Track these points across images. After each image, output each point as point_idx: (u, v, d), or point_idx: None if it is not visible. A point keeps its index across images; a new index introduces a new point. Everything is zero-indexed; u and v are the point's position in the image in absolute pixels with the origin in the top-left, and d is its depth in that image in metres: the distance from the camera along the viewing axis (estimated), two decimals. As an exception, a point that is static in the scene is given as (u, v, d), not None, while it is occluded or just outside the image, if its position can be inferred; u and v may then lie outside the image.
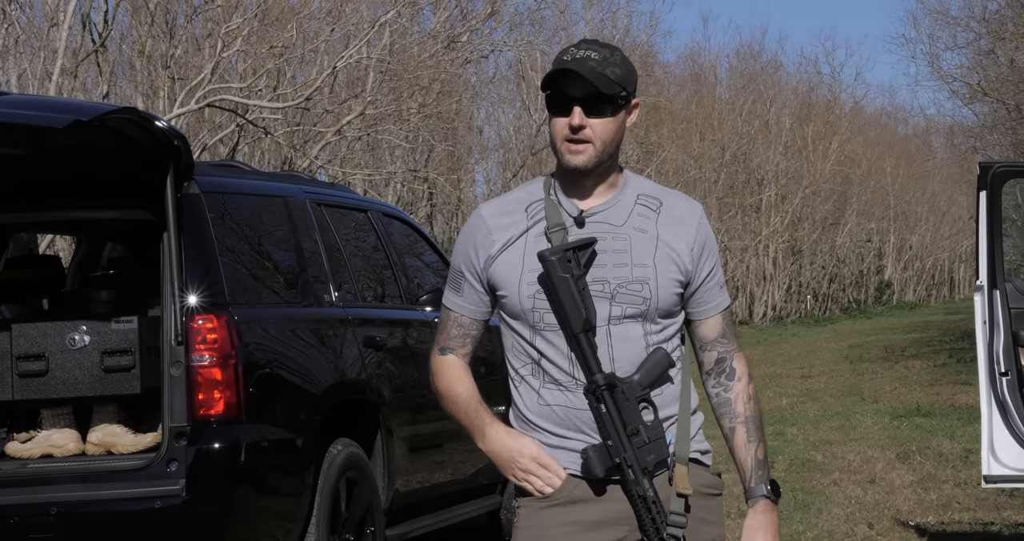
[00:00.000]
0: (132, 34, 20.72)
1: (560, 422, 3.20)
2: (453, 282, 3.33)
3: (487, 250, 3.24)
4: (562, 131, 3.18)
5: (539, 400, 3.22)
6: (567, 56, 3.17)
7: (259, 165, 21.74)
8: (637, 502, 3.14)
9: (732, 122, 43.89)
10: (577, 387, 3.18)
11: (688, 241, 3.27)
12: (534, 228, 3.22)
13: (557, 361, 3.20)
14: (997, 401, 7.43)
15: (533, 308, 3.19)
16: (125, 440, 6.42)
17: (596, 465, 3.14)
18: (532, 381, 3.23)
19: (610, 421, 3.14)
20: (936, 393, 17.63)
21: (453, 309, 3.34)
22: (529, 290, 3.19)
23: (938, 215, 60.57)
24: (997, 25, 26.46)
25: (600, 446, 3.14)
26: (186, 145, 6.18)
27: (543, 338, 3.21)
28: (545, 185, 3.28)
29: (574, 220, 3.22)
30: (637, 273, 3.20)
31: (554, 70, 3.16)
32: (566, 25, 33.94)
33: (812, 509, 9.64)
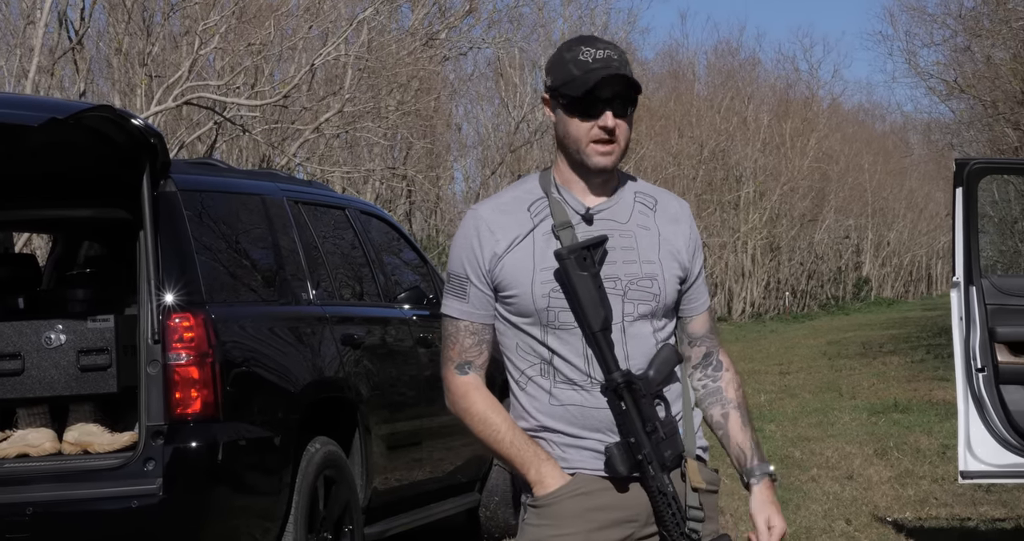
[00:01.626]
0: (109, 32, 20.65)
1: (575, 421, 3.19)
2: (455, 289, 3.25)
3: (492, 249, 3.20)
4: (588, 133, 3.17)
5: (551, 400, 3.19)
6: (586, 56, 3.16)
7: (237, 163, 21.70)
8: (658, 498, 3.15)
9: (710, 119, 43.94)
10: (593, 386, 3.17)
11: (684, 238, 3.32)
12: (540, 226, 3.21)
13: (572, 360, 3.18)
14: (973, 397, 7.45)
15: (548, 307, 3.17)
16: (102, 439, 6.40)
17: (620, 463, 3.14)
18: (542, 381, 3.20)
19: (631, 419, 3.14)
20: (914, 389, 17.68)
21: (461, 318, 3.26)
22: (543, 289, 3.17)
23: (916, 211, 60.73)
24: (973, 22, 26.55)
25: (623, 444, 3.14)
26: (162, 143, 6.16)
27: (556, 337, 3.18)
28: (543, 183, 3.26)
29: (582, 217, 3.22)
30: (646, 270, 3.23)
31: (605, 74, 3.13)
32: (544, 22, 33.96)
33: (790, 505, 9.66)
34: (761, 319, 44.59)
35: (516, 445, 3.19)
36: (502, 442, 3.20)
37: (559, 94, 3.19)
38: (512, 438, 3.19)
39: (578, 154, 3.21)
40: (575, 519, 3.17)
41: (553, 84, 3.21)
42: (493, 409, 3.22)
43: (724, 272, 44.90)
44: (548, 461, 3.18)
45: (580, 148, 3.19)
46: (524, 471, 3.19)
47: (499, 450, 3.21)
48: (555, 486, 3.16)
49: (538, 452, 3.18)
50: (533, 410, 3.22)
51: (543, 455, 3.18)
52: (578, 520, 3.17)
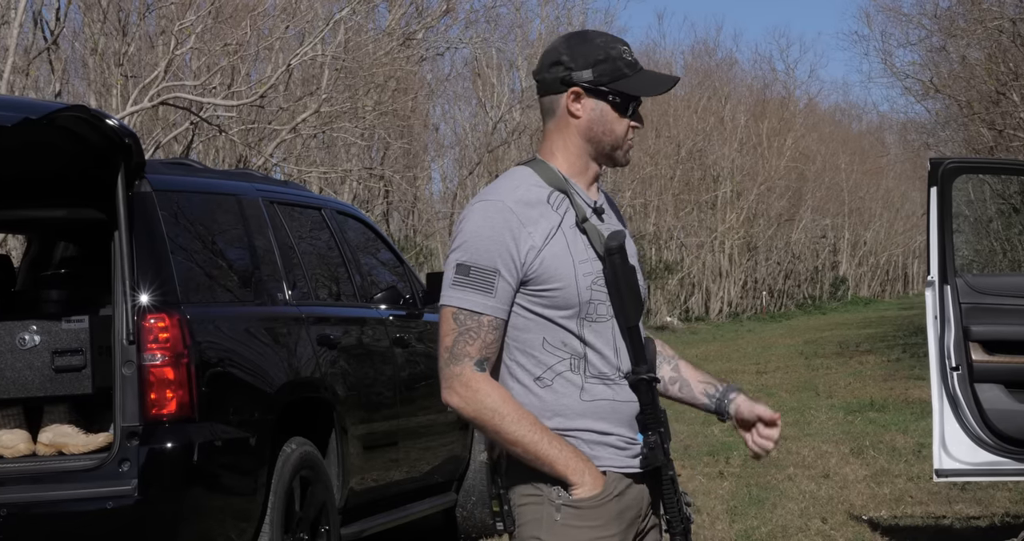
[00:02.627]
0: (85, 32, 20.60)
1: (606, 417, 3.17)
2: (479, 283, 3.10)
3: (528, 241, 3.12)
4: (625, 131, 3.24)
5: (583, 395, 3.16)
6: (629, 57, 3.22)
7: (214, 163, 21.66)
8: (671, 486, 3.21)
9: (687, 119, 44.01)
10: (620, 379, 3.19)
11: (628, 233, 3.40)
12: (565, 219, 3.18)
13: (604, 352, 3.17)
14: (948, 396, 7.47)
15: (591, 299, 3.15)
16: (76, 440, 6.38)
17: (661, 452, 3.18)
18: (572, 377, 3.15)
19: (658, 410, 3.20)
20: (890, 388, 17.74)
21: (486, 313, 3.11)
22: (586, 281, 3.14)
23: (892, 211, 60.92)
24: (948, 22, 26.63)
25: (656, 435, 3.18)
26: (137, 143, 6.15)
27: (591, 330, 3.16)
28: (546, 177, 3.22)
29: (593, 211, 3.24)
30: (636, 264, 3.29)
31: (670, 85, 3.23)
32: (521, 22, 34.00)
33: (766, 504, 9.68)
34: (738, 319, 44.66)
35: (556, 446, 3.10)
36: (539, 443, 3.09)
37: (608, 90, 3.19)
38: (549, 439, 3.10)
39: (614, 151, 3.24)
40: (614, 521, 3.18)
41: (600, 79, 3.18)
42: (520, 409, 3.12)
43: (701, 272, 44.96)
44: (589, 462, 3.14)
45: (620, 145, 3.24)
46: (567, 473, 3.11)
47: (535, 451, 3.10)
48: (600, 488, 3.13)
49: (578, 453, 3.13)
50: (561, 408, 3.16)
51: (583, 456, 3.14)
52: (616, 521, 3.18)
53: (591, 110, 3.20)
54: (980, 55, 25.84)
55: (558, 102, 3.22)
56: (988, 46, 24.83)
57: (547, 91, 3.24)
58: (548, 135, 3.26)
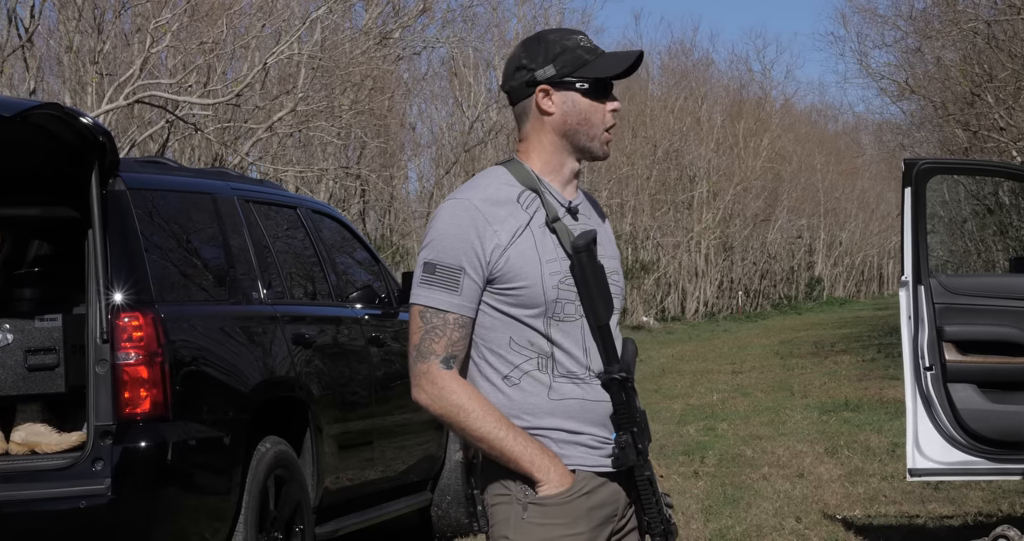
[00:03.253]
0: (60, 29, 20.53)
1: (576, 416, 3.16)
2: (444, 281, 3.12)
3: (494, 240, 3.13)
4: (604, 118, 3.23)
5: (551, 394, 3.15)
6: (587, 44, 3.21)
7: (190, 162, 21.60)
8: (647, 486, 3.19)
9: (664, 119, 44.08)
10: (591, 379, 3.17)
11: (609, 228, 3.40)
12: (535, 219, 3.18)
13: (573, 352, 3.16)
14: (922, 396, 7.50)
15: (557, 298, 3.14)
16: (49, 439, 6.36)
17: (632, 452, 3.15)
18: (540, 376, 3.15)
19: (631, 411, 3.17)
20: (864, 388, 17.79)
21: (451, 310, 3.13)
22: (552, 281, 3.14)
23: (867, 211, 61.11)
24: (924, 24, 26.72)
25: (629, 435, 3.16)
26: (111, 142, 6.13)
27: (558, 329, 3.16)
28: (519, 176, 3.22)
29: (567, 210, 3.23)
30: (612, 264, 3.28)
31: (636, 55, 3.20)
32: (498, 22, 33.99)
33: (741, 503, 9.70)
34: (714, 319, 44.75)
35: (521, 442, 3.10)
36: (504, 440, 3.10)
37: (575, 79, 3.19)
38: (515, 435, 3.11)
39: (591, 142, 3.23)
40: (582, 519, 3.16)
41: (564, 71, 3.19)
42: (487, 405, 3.13)
43: (678, 272, 45.03)
44: (555, 459, 3.14)
45: (596, 134, 3.22)
46: (532, 470, 3.11)
47: (501, 448, 3.10)
48: (566, 485, 3.13)
49: (544, 450, 3.13)
50: (530, 406, 3.16)
51: (550, 453, 3.13)
52: (584, 519, 3.16)
53: (562, 103, 3.20)
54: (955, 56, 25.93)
55: (529, 105, 3.23)
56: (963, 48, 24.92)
57: (517, 98, 3.25)
58: (524, 138, 3.27)
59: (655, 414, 15.70)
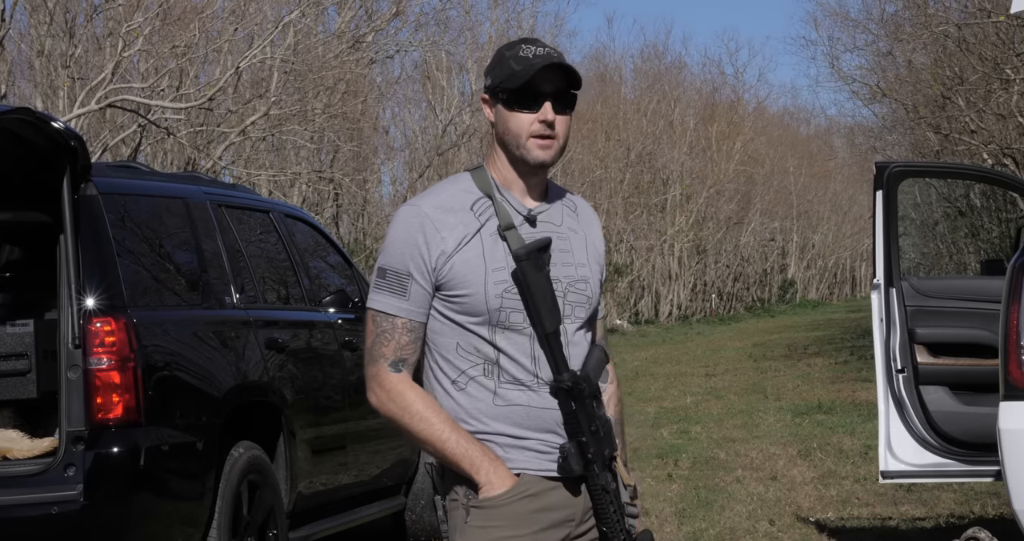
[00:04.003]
0: (31, 33, 20.45)
1: (520, 422, 3.17)
2: (394, 285, 3.18)
3: (440, 246, 3.16)
4: (528, 126, 3.19)
5: (495, 400, 3.17)
6: (527, 53, 3.18)
7: (163, 166, 21.55)
8: (602, 495, 3.17)
9: (637, 122, 44.14)
10: (540, 386, 3.17)
11: (601, 242, 3.39)
12: (486, 227, 3.19)
13: (519, 359, 3.17)
14: (894, 398, 7.53)
15: (501, 307, 3.15)
16: (21, 445, 6.33)
17: (576, 463, 3.14)
18: (485, 381, 3.17)
19: (581, 419, 3.15)
20: (837, 390, 17.84)
21: (399, 315, 3.18)
22: (496, 289, 3.15)
23: (840, 214, 61.27)
24: (895, 27, 26.82)
25: (576, 443, 3.14)
26: (83, 146, 6.11)
27: (504, 337, 3.17)
28: (480, 183, 3.24)
29: (525, 219, 3.23)
30: (580, 272, 3.27)
31: (544, 64, 3.16)
32: (471, 25, 34.00)
33: (715, 506, 9.72)
34: (688, 321, 44.82)
35: (463, 445, 3.13)
36: (447, 441, 3.14)
37: (500, 90, 3.20)
38: (457, 438, 3.14)
39: (518, 150, 3.21)
40: (524, 521, 3.16)
41: (493, 82, 3.21)
42: (432, 407, 3.17)
43: (651, 275, 45.09)
44: (496, 461, 3.15)
45: (520, 142, 3.20)
46: (472, 472, 3.14)
47: (443, 450, 3.14)
48: (506, 487, 3.13)
49: (486, 452, 3.15)
50: (475, 411, 3.18)
51: (491, 455, 3.15)
52: (527, 522, 3.16)
53: (496, 115, 3.24)
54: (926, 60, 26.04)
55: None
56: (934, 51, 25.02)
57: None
58: (491, 145, 3.32)
59: (628, 417, 15.71)
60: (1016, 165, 23.65)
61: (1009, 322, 6.18)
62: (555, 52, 3.21)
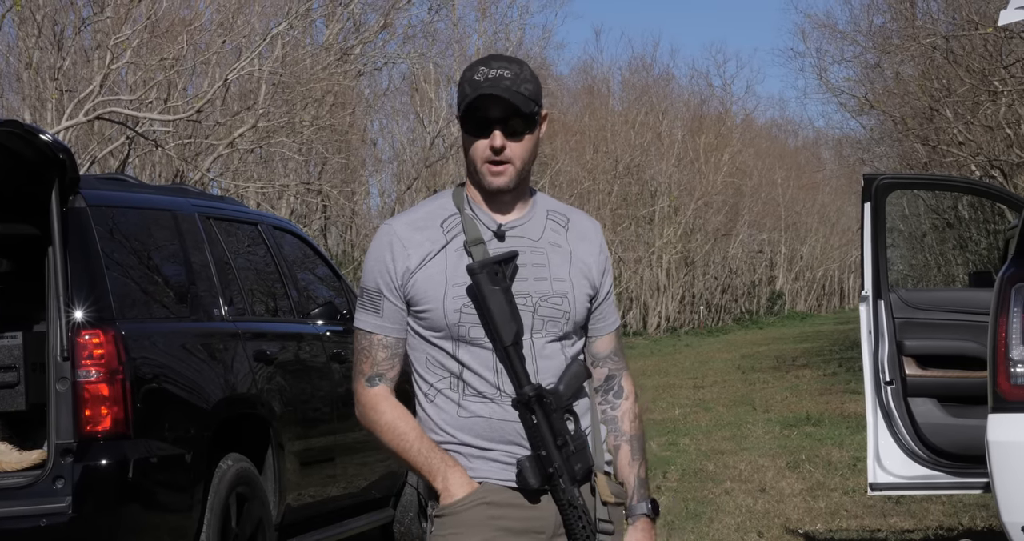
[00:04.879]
0: (19, 45, 20.44)
1: (483, 434, 3.20)
2: (369, 303, 3.26)
3: (405, 263, 3.21)
4: (483, 153, 3.20)
5: (460, 412, 3.20)
6: (480, 76, 3.17)
7: (151, 178, 21.53)
8: (568, 510, 3.17)
9: (625, 134, 44.20)
10: (503, 399, 3.19)
11: (595, 257, 3.35)
12: (453, 243, 3.22)
13: (482, 373, 3.20)
14: (882, 410, 7.53)
15: (459, 322, 3.19)
16: (10, 458, 6.32)
17: (531, 476, 3.15)
18: (451, 394, 3.22)
19: (542, 432, 3.16)
20: (826, 402, 17.86)
21: (375, 331, 3.27)
22: (455, 304, 3.18)
23: (828, 226, 61.37)
24: (882, 39, 26.90)
25: (534, 457, 3.16)
26: (71, 159, 6.11)
27: (467, 351, 3.20)
28: (456, 199, 3.28)
29: (494, 234, 3.24)
30: (556, 287, 3.26)
31: (475, 95, 3.16)
32: (459, 37, 34.04)
33: (703, 518, 9.72)
34: (676, 333, 44.84)
35: (424, 453, 3.20)
36: (410, 450, 3.21)
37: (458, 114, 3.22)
38: (420, 446, 3.21)
39: (475, 174, 3.24)
40: (479, 527, 3.19)
41: (457, 106, 3.23)
42: (402, 418, 3.24)
43: (639, 286, 45.12)
44: (455, 468, 3.20)
45: (476, 168, 3.22)
46: (432, 479, 3.20)
47: (408, 458, 3.23)
48: (461, 494, 3.18)
49: (445, 459, 3.20)
50: (441, 422, 3.23)
51: (450, 462, 3.20)
52: (482, 528, 3.19)
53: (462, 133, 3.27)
54: (914, 72, 26.12)
55: None
56: (922, 63, 25.10)
57: None
58: None
59: (617, 429, 15.72)
60: (1004, 176, 23.72)
61: (997, 334, 6.19)
62: (509, 74, 3.17)
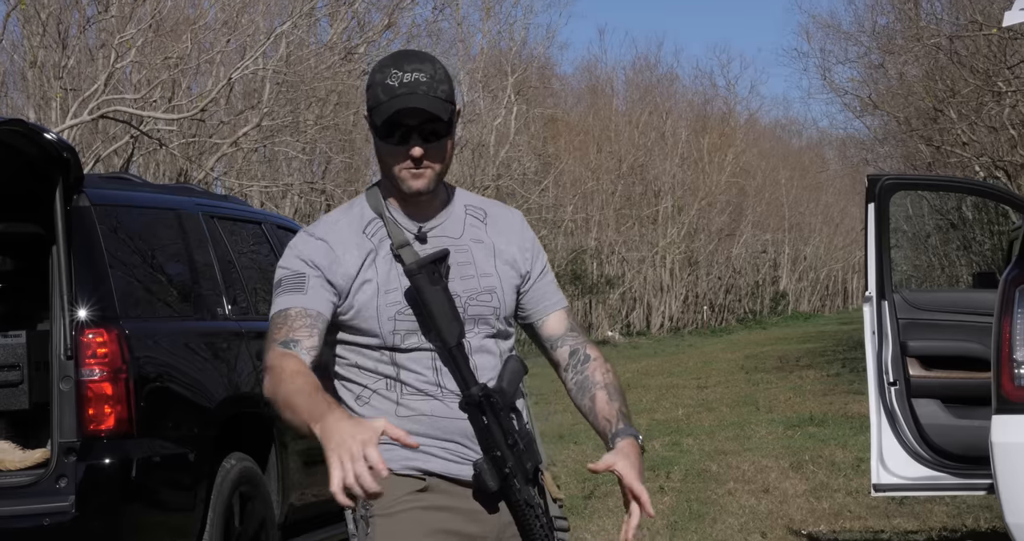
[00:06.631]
0: (24, 44, 20.44)
1: (423, 431, 3.08)
2: (290, 286, 3.08)
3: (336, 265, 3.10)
4: (401, 159, 3.10)
5: (399, 409, 3.10)
6: (393, 80, 3.06)
7: (155, 177, 21.54)
8: (526, 510, 3.07)
9: (629, 134, 44.20)
10: (445, 396, 3.10)
11: (519, 244, 3.27)
12: (380, 248, 3.14)
13: (421, 371, 3.11)
14: (886, 410, 7.52)
15: (394, 330, 3.10)
16: (13, 456, 6.32)
17: (490, 478, 3.06)
18: (388, 394, 3.12)
19: (495, 433, 3.06)
20: (829, 402, 17.84)
21: (294, 306, 3.06)
22: (389, 311, 3.10)
23: (831, 226, 61.36)
24: (886, 39, 26.91)
25: (490, 458, 3.05)
26: (75, 157, 6.12)
27: (404, 355, 3.12)
28: (373, 204, 3.18)
29: (415, 237, 3.16)
30: (484, 283, 3.18)
31: (393, 110, 3.05)
32: (463, 37, 34.04)
33: (707, 519, 9.71)
34: (679, 333, 44.83)
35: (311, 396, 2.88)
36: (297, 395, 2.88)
37: (371, 118, 3.11)
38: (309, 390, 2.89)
39: (392, 179, 3.15)
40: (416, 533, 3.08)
41: (368, 106, 3.11)
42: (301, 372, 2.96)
43: (643, 286, 45.11)
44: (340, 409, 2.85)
45: (392, 173, 3.12)
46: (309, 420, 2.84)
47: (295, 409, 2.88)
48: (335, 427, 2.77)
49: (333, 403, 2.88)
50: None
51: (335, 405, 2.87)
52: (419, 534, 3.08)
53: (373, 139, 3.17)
54: (918, 72, 26.11)
55: None
56: (925, 63, 25.09)
57: None
58: None
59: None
60: (1008, 177, 23.71)
61: (1001, 335, 6.18)
62: (424, 77, 3.07)
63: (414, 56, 3.14)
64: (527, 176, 34.66)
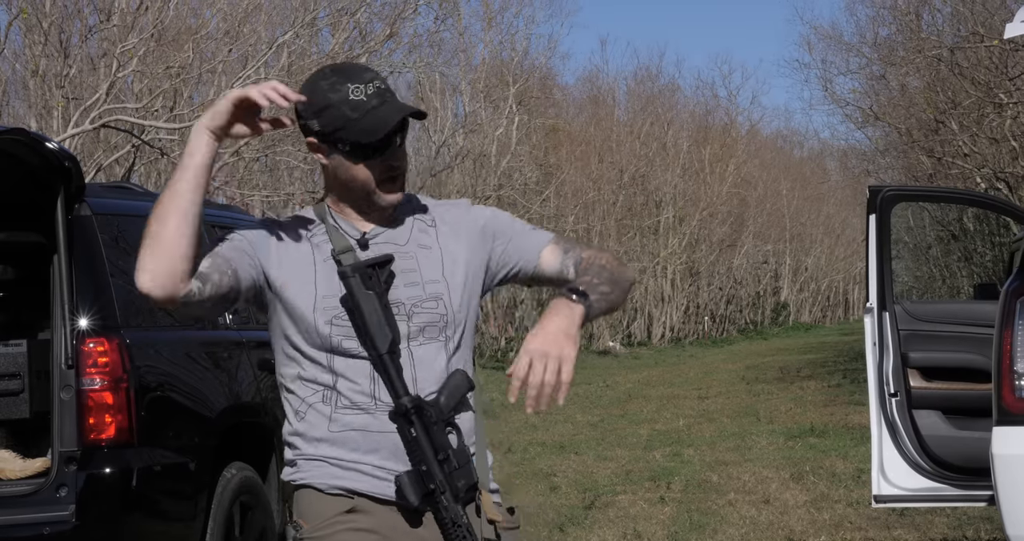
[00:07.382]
0: (26, 53, 20.46)
1: (355, 447, 3.06)
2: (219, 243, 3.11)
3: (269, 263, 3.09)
4: (379, 173, 3.08)
5: (331, 425, 3.07)
6: (358, 95, 3.02)
7: (156, 186, 21.54)
8: (452, 529, 2.98)
9: (630, 144, 44.19)
10: (378, 409, 3.04)
11: (468, 234, 3.20)
12: (319, 254, 3.11)
13: (358, 382, 3.05)
14: (887, 422, 7.52)
15: (331, 334, 3.05)
16: (13, 465, 6.32)
17: (411, 493, 2.98)
18: (322, 408, 3.08)
19: (422, 446, 2.99)
20: (830, 413, 17.83)
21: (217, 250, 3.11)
22: (326, 316, 3.05)
23: (833, 237, 61.35)
24: (888, 51, 26.93)
25: (414, 472, 2.98)
26: (77, 167, 6.12)
27: (341, 362, 3.07)
28: (318, 212, 3.16)
29: (357, 243, 3.12)
30: (430, 290, 3.11)
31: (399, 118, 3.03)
32: (465, 47, 34.07)
33: (707, 530, 9.71)
34: (680, 344, 44.82)
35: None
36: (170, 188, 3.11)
37: (337, 139, 3.04)
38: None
39: (366, 199, 3.11)
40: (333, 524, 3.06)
41: (325, 129, 3.04)
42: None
43: (644, 297, 45.10)
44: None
45: (371, 190, 3.09)
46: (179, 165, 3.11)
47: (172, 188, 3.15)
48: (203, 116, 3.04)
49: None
50: (310, 437, 3.11)
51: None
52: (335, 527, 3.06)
53: (331, 159, 3.10)
54: (919, 83, 26.12)
55: None
56: (927, 75, 25.11)
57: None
58: None
59: (621, 439, 15.72)
60: (1009, 189, 23.72)
61: (1002, 347, 6.18)
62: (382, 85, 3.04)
63: (356, 67, 3.12)
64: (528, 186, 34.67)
